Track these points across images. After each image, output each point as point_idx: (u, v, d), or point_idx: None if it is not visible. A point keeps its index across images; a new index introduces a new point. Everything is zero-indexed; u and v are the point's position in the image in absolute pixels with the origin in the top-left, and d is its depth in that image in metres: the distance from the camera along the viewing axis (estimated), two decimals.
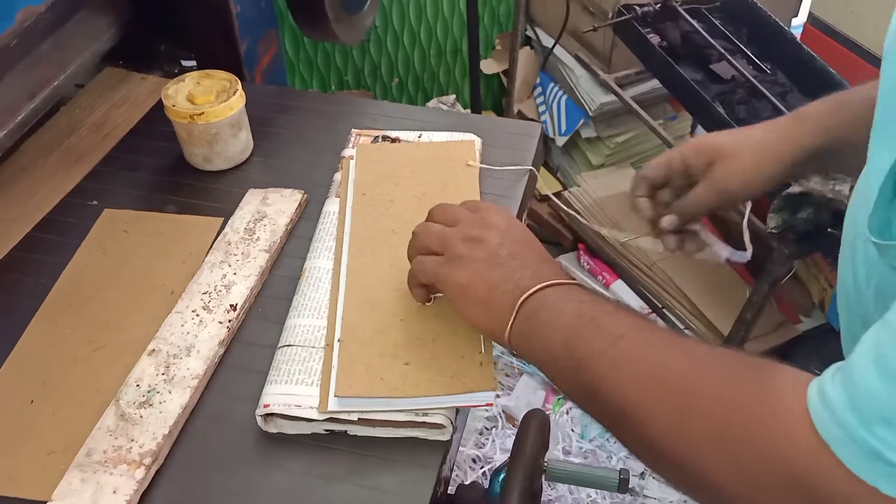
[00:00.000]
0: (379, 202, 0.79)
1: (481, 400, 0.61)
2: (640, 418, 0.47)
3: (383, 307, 0.68)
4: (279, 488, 0.60)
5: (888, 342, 0.37)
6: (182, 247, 0.79)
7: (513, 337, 0.57)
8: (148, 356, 0.67)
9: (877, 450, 0.36)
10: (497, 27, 2.12)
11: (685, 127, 1.93)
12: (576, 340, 0.52)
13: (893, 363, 0.37)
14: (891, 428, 0.36)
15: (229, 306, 0.71)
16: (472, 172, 0.83)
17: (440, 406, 0.61)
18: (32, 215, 0.84)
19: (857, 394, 0.37)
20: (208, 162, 0.88)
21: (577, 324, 0.53)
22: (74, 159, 0.91)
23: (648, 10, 1.51)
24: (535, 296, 0.56)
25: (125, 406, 0.63)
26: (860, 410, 0.37)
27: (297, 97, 1.04)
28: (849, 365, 0.39)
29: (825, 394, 0.39)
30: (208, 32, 1.03)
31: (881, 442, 0.36)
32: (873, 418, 0.36)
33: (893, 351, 0.37)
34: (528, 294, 0.56)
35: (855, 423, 0.37)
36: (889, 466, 0.36)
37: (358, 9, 1.30)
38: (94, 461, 0.60)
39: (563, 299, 0.56)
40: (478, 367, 0.62)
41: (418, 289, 0.65)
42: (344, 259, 0.73)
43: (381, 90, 2.13)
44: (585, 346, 0.52)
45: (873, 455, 0.36)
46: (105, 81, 1.04)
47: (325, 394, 0.62)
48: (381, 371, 0.62)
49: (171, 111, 0.84)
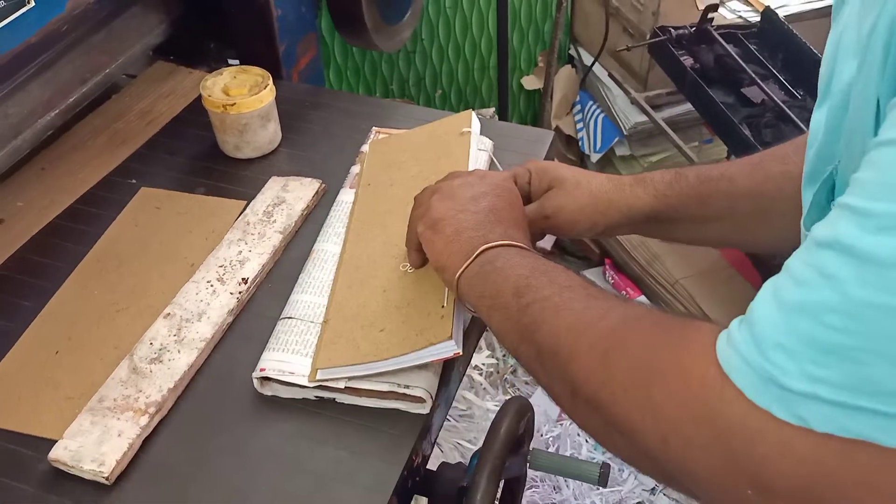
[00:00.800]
0: (381, 189, 0.84)
1: (445, 351, 0.64)
2: (569, 358, 0.50)
3: (370, 283, 0.72)
4: (267, 445, 0.65)
5: (784, 280, 0.40)
6: (206, 225, 0.86)
7: (463, 276, 0.61)
8: (163, 318, 0.73)
9: (771, 374, 0.38)
10: (541, 45, 2.16)
11: (721, 151, 1.94)
12: (526, 288, 0.56)
13: (787, 295, 0.39)
14: (784, 353, 0.37)
15: (241, 279, 0.77)
16: (465, 140, 0.84)
17: (408, 364, 0.64)
18: (77, 189, 0.92)
19: (756, 326, 0.39)
20: (238, 150, 0.94)
21: (529, 274, 0.57)
22: (120, 141, 0.99)
23: (683, 32, 1.54)
24: (496, 248, 0.60)
25: (138, 361, 0.69)
26: (758, 340, 0.39)
27: (329, 96, 1.10)
28: (750, 307, 0.41)
29: (731, 333, 0.41)
30: (251, 33, 1.10)
31: (775, 366, 0.37)
32: (769, 345, 0.38)
33: (787, 286, 0.39)
34: (490, 245, 0.60)
35: (753, 352, 0.39)
36: (781, 390, 0.37)
37: (397, 20, 1.37)
38: (105, 407, 0.66)
39: (521, 255, 0.60)
40: (438, 319, 0.65)
41: (415, 252, 0.69)
42: (345, 246, 0.78)
43: (425, 100, 2.19)
44: (532, 293, 0.55)
45: (768, 380, 0.38)
46: (155, 73, 1.12)
47: (314, 364, 0.67)
48: (358, 341, 0.67)
49: (207, 101, 0.91)
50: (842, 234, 0.36)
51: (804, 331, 0.37)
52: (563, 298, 0.54)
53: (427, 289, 0.68)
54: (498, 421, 0.70)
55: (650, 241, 1.72)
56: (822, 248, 0.38)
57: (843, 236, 0.36)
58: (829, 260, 0.37)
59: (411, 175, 0.83)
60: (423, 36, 2.05)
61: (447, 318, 0.65)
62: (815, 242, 0.38)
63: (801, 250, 0.40)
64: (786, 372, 0.37)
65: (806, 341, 0.37)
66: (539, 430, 1.59)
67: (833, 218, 0.38)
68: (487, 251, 0.60)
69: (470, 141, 0.84)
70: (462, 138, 0.84)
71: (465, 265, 0.61)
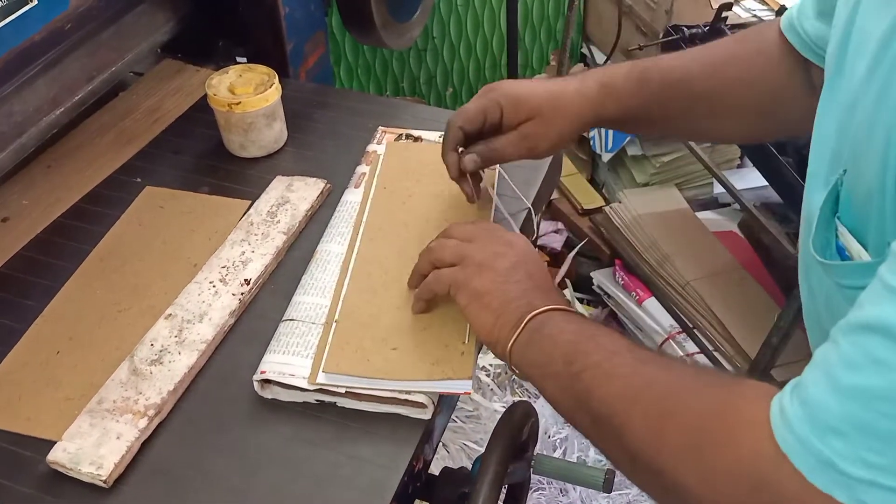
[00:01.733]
0: (398, 196, 0.83)
1: (459, 388, 0.65)
2: (623, 426, 0.50)
3: (383, 294, 0.72)
4: (266, 449, 0.65)
5: (835, 359, 0.40)
6: (210, 224, 0.85)
7: (515, 346, 0.61)
8: (164, 319, 0.73)
9: (830, 459, 0.39)
10: (553, 44, 2.15)
11: (734, 151, 1.92)
12: (575, 354, 0.56)
13: (839, 377, 0.39)
14: (840, 438, 0.38)
15: (244, 280, 0.77)
16: (491, 174, 0.85)
17: (416, 389, 0.64)
18: (82, 187, 0.91)
19: (811, 407, 0.40)
20: (243, 149, 0.94)
21: (578, 340, 0.57)
22: (126, 140, 0.99)
23: (697, 31, 1.52)
24: (544, 314, 0.60)
25: (138, 362, 0.69)
26: (814, 422, 0.39)
27: (336, 95, 1.09)
28: (803, 380, 0.42)
29: (784, 408, 0.42)
30: (259, 31, 1.09)
31: (833, 452, 0.38)
32: (826, 430, 0.39)
33: (838, 367, 0.40)
34: (538, 311, 0.60)
35: (809, 435, 0.39)
36: (841, 475, 0.38)
37: (406, 18, 1.36)
38: (104, 408, 0.65)
39: (567, 320, 0.60)
40: (459, 356, 0.65)
41: (421, 302, 0.69)
42: (356, 245, 0.78)
43: (436, 98, 2.18)
44: (583, 359, 0.55)
45: (827, 465, 0.39)
46: (163, 71, 1.12)
47: (316, 367, 0.66)
48: (369, 353, 0.66)
49: (212, 99, 0.91)
50: (887, 318, 0.37)
51: (857, 417, 0.38)
52: (613, 364, 0.54)
53: (445, 318, 0.68)
54: (501, 426, 0.69)
55: (661, 243, 1.71)
56: (871, 333, 0.38)
57: (889, 321, 0.37)
58: (878, 344, 0.38)
59: (432, 192, 0.83)
60: (434, 34, 2.04)
61: (468, 357, 0.65)
62: (863, 324, 0.39)
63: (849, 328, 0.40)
64: (844, 457, 0.38)
65: (860, 428, 0.38)
66: (546, 432, 1.58)
67: (878, 296, 0.39)
68: (534, 318, 0.60)
69: (495, 173, 0.85)
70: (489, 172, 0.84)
71: (514, 335, 0.60)
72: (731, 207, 1.88)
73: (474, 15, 2.04)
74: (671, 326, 1.65)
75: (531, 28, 2.09)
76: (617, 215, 1.81)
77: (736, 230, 1.80)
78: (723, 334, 1.55)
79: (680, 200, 1.85)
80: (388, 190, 0.84)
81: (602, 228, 1.85)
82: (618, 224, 1.79)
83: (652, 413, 0.49)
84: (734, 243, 1.76)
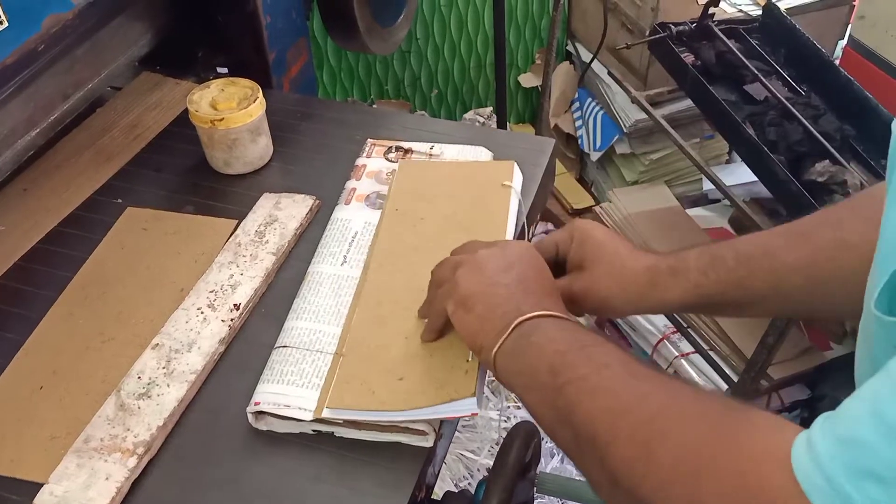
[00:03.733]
0: (409, 219, 0.80)
1: (464, 409, 0.62)
2: (607, 445, 0.47)
3: (391, 324, 0.69)
4: (263, 484, 0.62)
5: (888, 393, 0.35)
6: (196, 246, 0.82)
7: (500, 354, 0.57)
8: (151, 350, 0.70)
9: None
10: (538, 42, 2.13)
11: (722, 146, 1.91)
12: (561, 365, 0.52)
13: (893, 416, 0.34)
14: (882, 486, 0.34)
15: (233, 305, 0.74)
16: (505, 193, 0.82)
17: (424, 418, 0.62)
18: (61, 210, 0.88)
19: (850, 446, 0.35)
20: (228, 166, 0.91)
21: (567, 350, 0.53)
22: (105, 158, 0.96)
23: (684, 28, 1.50)
24: (531, 320, 0.56)
25: (125, 396, 0.66)
26: (849, 464, 0.35)
27: (321, 106, 1.07)
28: (841, 414, 0.37)
29: (813, 443, 0.37)
30: (240, 41, 1.06)
31: (867, 499, 0.34)
32: (863, 474, 0.34)
33: (893, 403, 0.35)
34: (526, 317, 0.56)
35: (841, 477, 0.35)
36: None
37: (391, 22, 1.33)
38: (91, 448, 0.63)
39: (557, 328, 0.56)
40: (462, 374, 0.63)
41: (431, 332, 0.66)
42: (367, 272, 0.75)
43: (420, 101, 2.16)
44: (569, 371, 0.51)
45: None
46: (141, 85, 1.09)
47: (322, 400, 0.64)
48: (374, 385, 0.64)
49: (194, 116, 0.88)
50: None
51: None
52: (602, 377, 0.50)
53: (451, 341, 0.66)
54: (505, 449, 0.67)
55: (653, 242, 1.69)
56: None
57: None
58: None
59: (444, 214, 0.80)
60: (417, 35, 2.02)
61: (471, 374, 0.62)
62: None
63: None
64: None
65: None
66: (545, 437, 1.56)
67: None
68: (522, 324, 0.56)
69: (510, 196, 0.81)
70: (503, 191, 0.82)
71: (499, 342, 0.56)
72: (722, 203, 1.87)
73: (458, 15, 2.01)
74: (665, 326, 1.63)
75: (516, 27, 2.07)
76: (607, 215, 1.79)
77: (727, 227, 1.79)
78: (718, 333, 1.54)
79: (670, 198, 1.83)
80: (399, 212, 0.81)
81: None
82: (609, 224, 1.77)
83: (640, 433, 0.45)
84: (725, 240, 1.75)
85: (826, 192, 1.24)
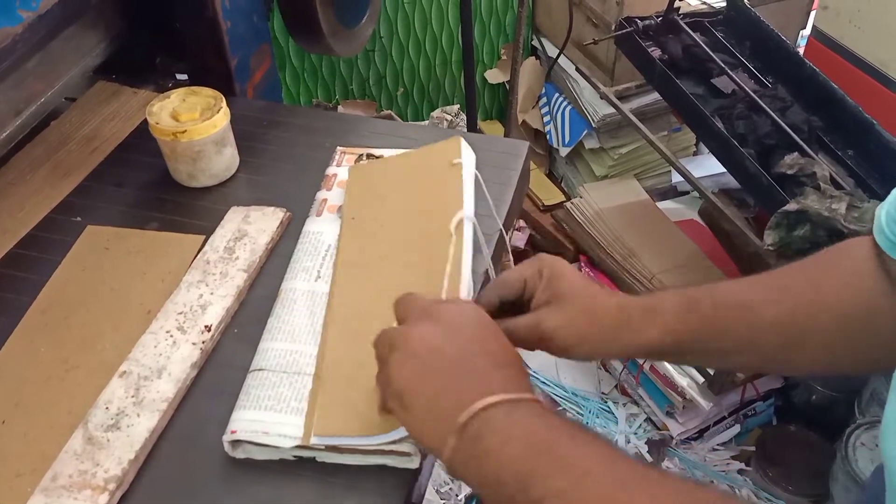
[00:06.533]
0: (368, 226, 0.77)
1: None
2: None
3: (366, 339, 0.66)
4: None
5: None
6: (161, 265, 0.79)
7: (453, 463, 0.50)
8: (119, 378, 0.67)
9: None
10: (503, 37, 2.11)
11: (689, 138, 1.92)
12: (531, 477, 0.46)
13: None
14: None
15: (204, 327, 0.71)
16: (456, 171, 0.79)
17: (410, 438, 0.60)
18: (16, 231, 0.84)
19: None
20: (193, 179, 0.87)
21: (529, 455, 0.47)
22: (62, 174, 0.92)
23: (650, 23, 1.50)
24: (478, 416, 0.49)
25: (93, 429, 0.63)
26: None
27: (286, 112, 1.03)
28: None
29: None
30: (200, 47, 1.03)
31: None
32: None
33: None
34: (469, 416, 0.49)
35: None
36: None
37: (355, 23, 1.30)
38: (59, 485, 0.59)
39: (511, 423, 0.48)
40: None
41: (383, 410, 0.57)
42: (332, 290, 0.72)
43: (387, 100, 2.13)
44: (543, 484, 0.45)
45: None
46: (97, 95, 1.04)
47: (309, 426, 0.61)
48: (359, 407, 0.61)
49: (155, 129, 0.84)
50: None
51: None
52: (583, 490, 0.44)
53: None
54: None
55: (625, 236, 1.69)
56: None
57: None
58: None
59: (399, 211, 0.77)
60: (382, 34, 1.99)
61: None
62: None
63: None
64: None
65: None
66: None
67: None
68: (469, 424, 0.49)
69: (462, 174, 0.78)
70: (453, 170, 0.78)
71: (447, 451, 0.49)
72: (691, 195, 1.88)
73: (422, 12, 1.98)
74: None
75: (480, 22, 2.05)
76: (579, 210, 1.78)
77: (697, 218, 1.80)
78: None
79: (640, 192, 1.84)
80: (356, 220, 0.79)
81: (564, 224, 1.83)
82: (580, 219, 1.77)
83: None
84: (696, 232, 1.75)
85: (796, 184, 1.24)
